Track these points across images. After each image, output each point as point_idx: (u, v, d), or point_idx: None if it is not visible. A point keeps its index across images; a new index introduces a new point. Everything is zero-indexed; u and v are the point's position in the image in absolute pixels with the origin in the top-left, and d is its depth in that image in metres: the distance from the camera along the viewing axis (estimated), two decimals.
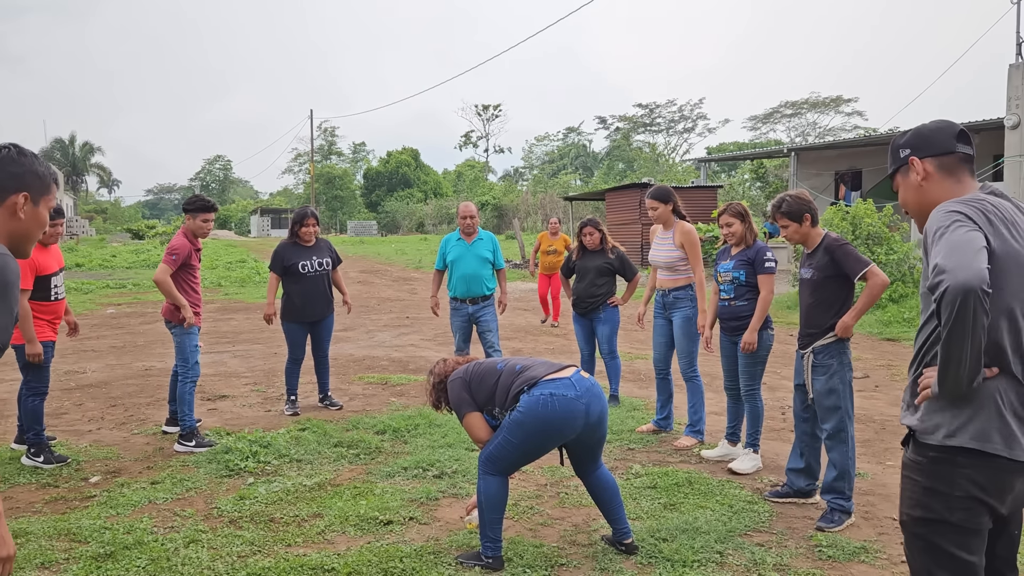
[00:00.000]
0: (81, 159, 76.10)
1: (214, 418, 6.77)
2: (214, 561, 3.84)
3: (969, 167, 2.34)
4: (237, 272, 23.24)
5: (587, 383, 3.76)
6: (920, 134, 2.39)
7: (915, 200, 2.41)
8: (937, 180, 2.34)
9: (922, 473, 2.22)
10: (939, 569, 2.22)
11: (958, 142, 2.34)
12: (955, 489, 2.16)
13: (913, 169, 2.37)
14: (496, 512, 3.79)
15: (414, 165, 75.95)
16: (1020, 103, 12.31)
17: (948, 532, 2.19)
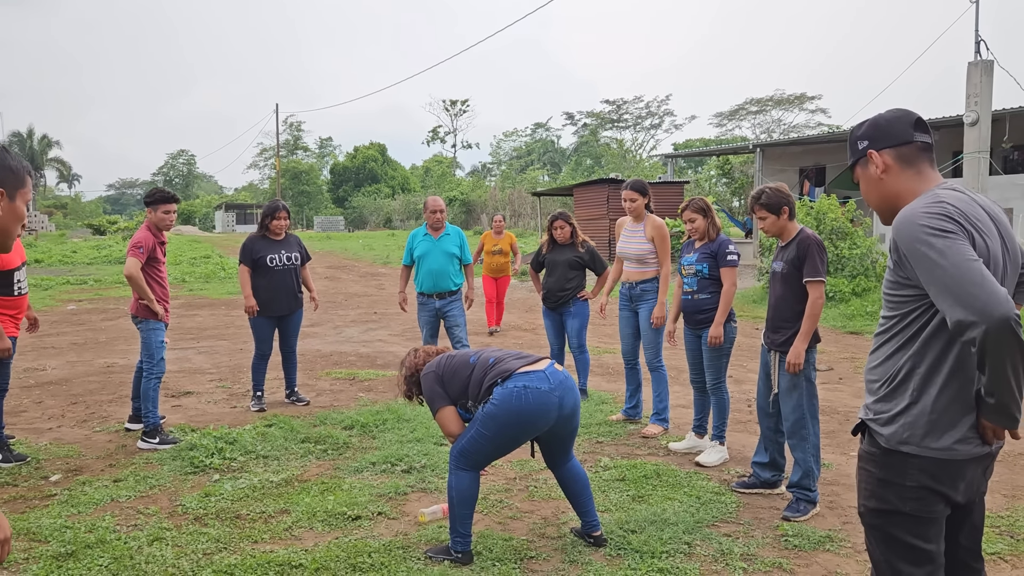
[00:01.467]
0: (39, 153, 74.55)
1: (178, 415, 6.67)
2: (179, 559, 3.79)
3: (929, 156, 2.29)
4: (202, 268, 22.92)
5: (560, 376, 3.76)
6: (877, 124, 2.32)
7: (876, 193, 2.35)
8: (897, 172, 2.28)
9: (876, 464, 2.24)
10: (898, 559, 2.24)
11: (916, 131, 2.28)
12: (907, 480, 2.17)
13: (872, 162, 2.31)
14: (466, 507, 3.77)
15: (381, 160, 75.47)
16: (979, 100, 12.55)
17: (903, 522, 2.21)
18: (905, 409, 2.17)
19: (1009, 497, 4.71)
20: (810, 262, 4.41)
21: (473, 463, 3.77)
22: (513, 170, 77.14)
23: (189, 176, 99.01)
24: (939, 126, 18.46)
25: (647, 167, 55.83)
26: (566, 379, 3.78)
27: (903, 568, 2.23)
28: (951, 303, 1.98)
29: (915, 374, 2.16)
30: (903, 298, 2.17)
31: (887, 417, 2.20)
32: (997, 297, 1.92)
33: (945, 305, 2.00)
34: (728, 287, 5.22)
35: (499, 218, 12.33)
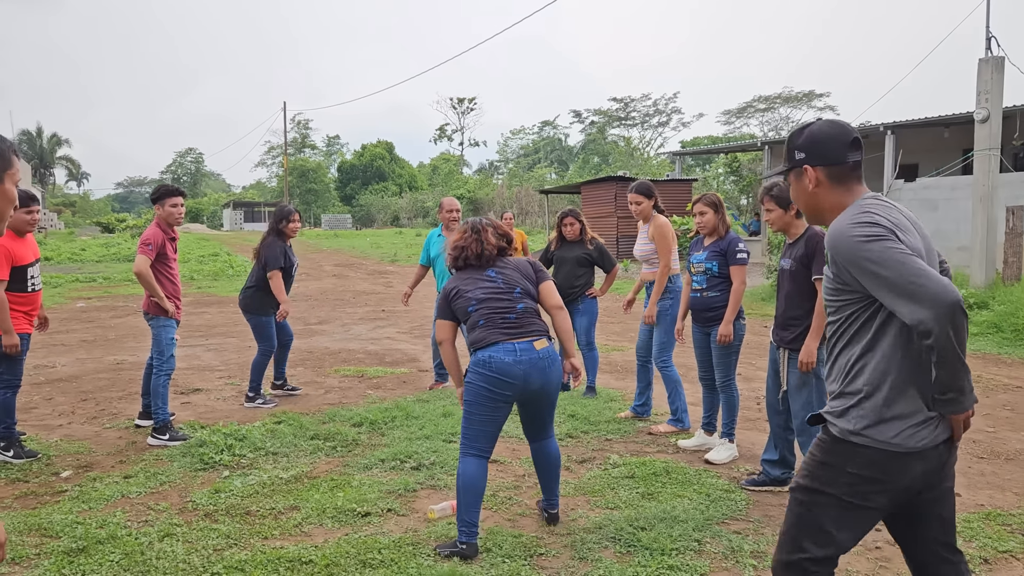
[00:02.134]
0: (49, 151, 74.93)
1: (188, 412, 6.69)
2: (189, 555, 3.80)
3: (858, 174, 2.42)
4: (210, 266, 23.01)
5: (534, 353, 3.83)
6: (815, 140, 2.42)
7: (805, 203, 2.50)
8: (828, 188, 2.41)
9: (822, 450, 2.36)
10: (804, 538, 2.36)
11: (850, 151, 2.40)
12: (848, 466, 2.28)
13: (806, 176, 2.43)
14: (470, 495, 3.81)
15: (389, 158, 75.62)
16: (990, 97, 12.47)
17: (828, 505, 2.32)
18: (857, 403, 2.29)
19: (1021, 495, 4.68)
20: (819, 259, 4.38)
21: (473, 444, 3.89)
22: (520, 168, 77.14)
23: (197, 174, 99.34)
24: (949, 123, 18.38)
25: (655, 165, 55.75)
26: (541, 358, 3.84)
27: (806, 546, 2.35)
28: (904, 303, 2.11)
29: (866, 370, 2.29)
30: (843, 301, 2.32)
31: (840, 410, 2.33)
32: (942, 284, 2.07)
33: (900, 308, 2.13)
34: (738, 285, 5.21)
35: (509, 216, 12.32)
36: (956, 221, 16.60)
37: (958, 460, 5.30)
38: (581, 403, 6.74)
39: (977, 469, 5.14)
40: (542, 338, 3.91)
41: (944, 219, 17.39)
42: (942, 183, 18.06)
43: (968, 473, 5.06)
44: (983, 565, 3.74)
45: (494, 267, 4.06)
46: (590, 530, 4.10)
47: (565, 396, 7.01)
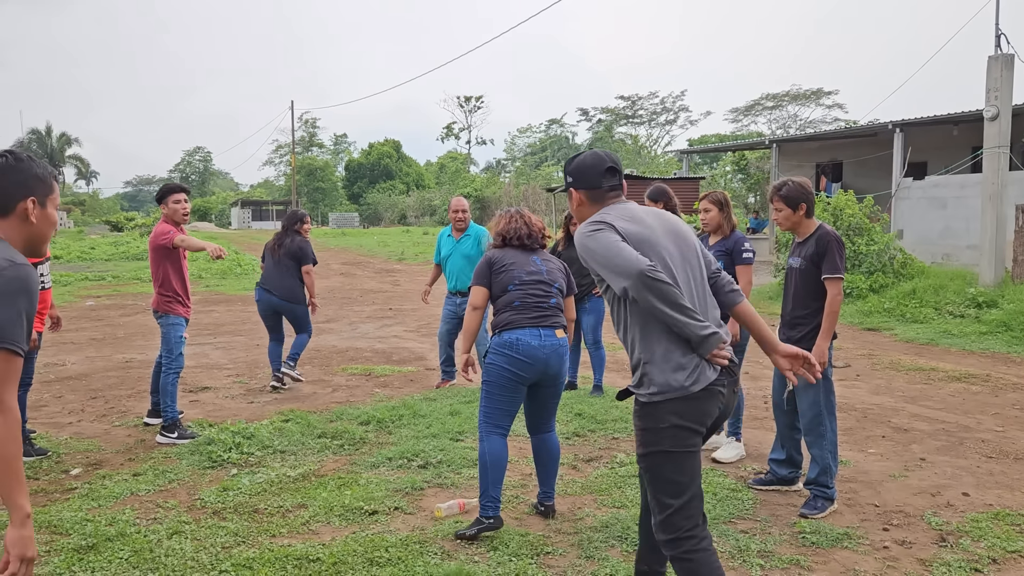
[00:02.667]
0: (58, 150, 75.25)
1: (196, 410, 6.72)
2: (198, 552, 3.82)
3: (615, 194, 2.97)
4: (218, 264, 23.05)
5: (555, 340, 4.09)
6: (580, 168, 2.98)
7: (576, 213, 3.05)
8: (588, 205, 2.96)
9: (639, 417, 2.77)
10: (663, 493, 2.72)
11: (604, 177, 2.94)
12: (660, 423, 2.69)
13: (572, 195, 3.01)
14: (497, 471, 4.01)
15: (396, 157, 75.67)
16: (999, 95, 12.40)
17: (664, 461, 2.71)
18: (646, 369, 2.72)
19: None
20: (829, 258, 4.37)
21: (495, 423, 4.08)
22: (527, 166, 77.10)
23: (205, 173, 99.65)
24: (958, 120, 18.30)
25: (662, 163, 55.64)
26: (561, 346, 4.11)
27: (667, 500, 2.71)
28: (610, 275, 2.67)
29: (638, 339, 2.74)
30: (605, 289, 2.81)
31: (637, 379, 2.78)
32: (632, 258, 2.61)
33: (611, 280, 2.68)
34: (743, 285, 5.17)
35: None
36: (965, 219, 16.52)
37: (967, 460, 5.29)
38: (588, 402, 6.74)
39: (986, 468, 5.12)
40: (562, 328, 4.17)
41: (953, 217, 17.31)
42: (951, 181, 17.97)
43: (977, 472, 5.04)
44: (992, 565, 3.73)
45: (539, 255, 4.34)
46: (597, 529, 4.10)
47: (572, 395, 7.01)
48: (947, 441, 5.70)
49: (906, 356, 9.11)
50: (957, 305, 11.55)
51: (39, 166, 2.27)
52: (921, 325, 11.07)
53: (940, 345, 9.89)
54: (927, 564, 3.74)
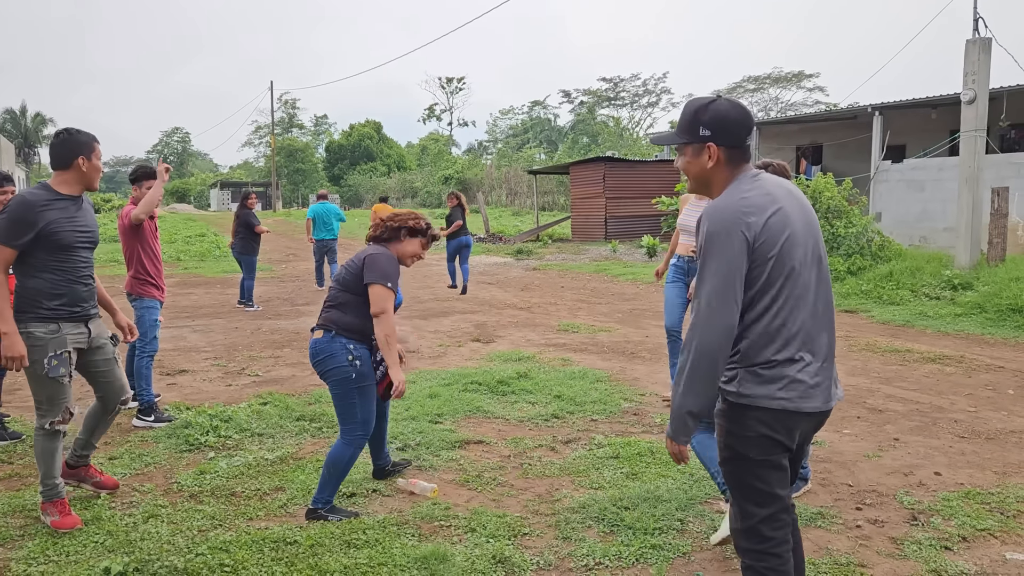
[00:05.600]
0: (33, 130, 74.09)
1: (173, 393, 6.67)
2: (174, 536, 3.80)
3: (748, 156, 2.55)
4: (196, 246, 22.88)
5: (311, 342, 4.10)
6: (724, 121, 2.47)
7: (698, 175, 2.55)
8: (724, 168, 2.50)
9: (724, 418, 2.51)
10: (745, 501, 2.53)
11: (747, 137, 2.53)
12: (747, 430, 2.44)
13: (707, 152, 2.49)
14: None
15: (377, 138, 75.18)
16: (977, 78, 12.48)
17: (749, 466, 2.48)
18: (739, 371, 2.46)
19: (1000, 474, 4.74)
20: None
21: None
22: (510, 148, 76.86)
23: (184, 154, 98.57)
24: (936, 104, 18.41)
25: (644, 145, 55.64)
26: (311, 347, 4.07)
27: (751, 509, 2.51)
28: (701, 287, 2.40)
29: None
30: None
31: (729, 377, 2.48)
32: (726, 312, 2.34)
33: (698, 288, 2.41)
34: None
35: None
36: (942, 202, 16.66)
37: (939, 440, 5.36)
38: (567, 384, 6.76)
39: (958, 448, 5.19)
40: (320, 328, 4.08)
41: (931, 200, 17.46)
42: (929, 164, 18.11)
43: (949, 452, 5.11)
44: (962, 543, 3.78)
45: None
46: (574, 510, 4.12)
47: (552, 376, 7.02)
48: (920, 421, 5.77)
49: (882, 338, 9.20)
50: (933, 287, 11.67)
51: (84, 135, 3.91)
52: (897, 307, 11.18)
53: (916, 327, 9.99)
54: (898, 542, 3.79)
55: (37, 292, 3.80)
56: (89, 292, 4.00)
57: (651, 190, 22.54)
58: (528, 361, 7.79)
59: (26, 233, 3.69)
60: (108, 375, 4.14)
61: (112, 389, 4.19)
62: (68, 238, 3.81)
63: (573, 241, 24.75)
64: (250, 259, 12.16)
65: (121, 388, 4.21)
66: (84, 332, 3.98)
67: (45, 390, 3.89)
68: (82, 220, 3.91)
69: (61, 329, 3.86)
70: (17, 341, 3.70)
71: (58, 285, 3.84)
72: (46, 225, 3.72)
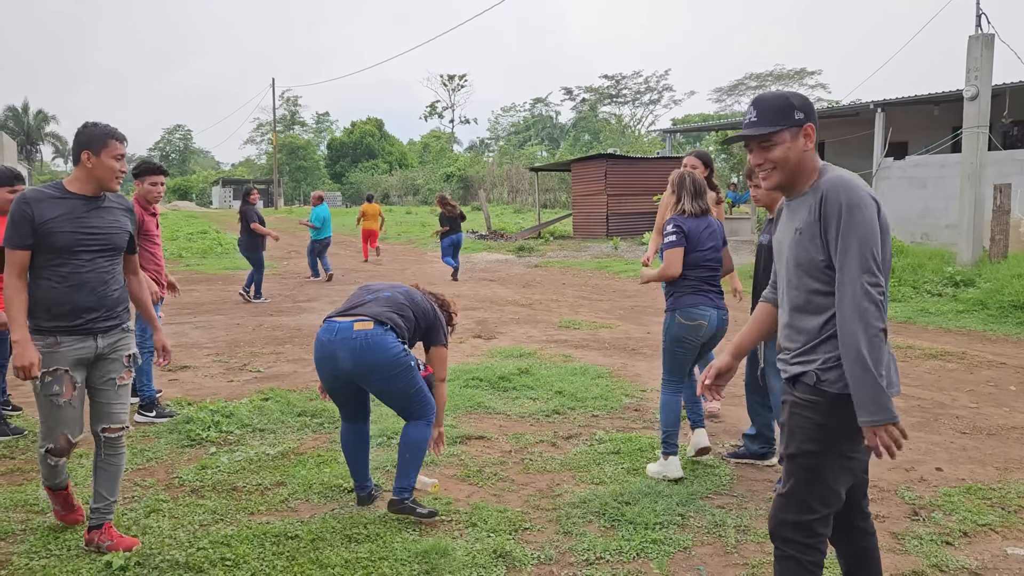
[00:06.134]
0: (35, 128, 74.13)
1: (175, 388, 6.68)
2: (175, 530, 3.81)
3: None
4: (198, 243, 22.88)
5: (345, 333, 3.82)
6: (807, 104, 2.50)
7: (797, 161, 2.48)
8: (814, 150, 2.51)
9: (819, 412, 2.43)
10: (812, 498, 2.48)
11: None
12: (847, 424, 2.37)
13: (805, 133, 2.46)
14: (344, 453, 4.18)
15: (379, 135, 75.13)
16: (979, 74, 12.46)
17: (835, 462, 2.45)
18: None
19: (1001, 470, 4.73)
20: None
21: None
22: (511, 146, 76.82)
23: (186, 151, 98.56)
24: (939, 100, 18.37)
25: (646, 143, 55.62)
26: (352, 339, 3.79)
27: (815, 505, 2.48)
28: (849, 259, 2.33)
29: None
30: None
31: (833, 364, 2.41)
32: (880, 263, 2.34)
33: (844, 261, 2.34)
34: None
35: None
36: (944, 199, 16.63)
37: (941, 436, 5.36)
38: (568, 380, 6.77)
39: (959, 444, 5.19)
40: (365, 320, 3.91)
41: (933, 197, 17.43)
42: (931, 161, 18.08)
43: (950, 448, 5.11)
44: (963, 538, 3.79)
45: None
46: (575, 505, 4.13)
47: (553, 372, 7.03)
48: (922, 417, 5.78)
49: None
50: (935, 284, 11.66)
51: (99, 129, 3.52)
52: (899, 303, 11.17)
53: (918, 323, 9.99)
54: (899, 537, 3.79)
55: (36, 301, 3.44)
56: (99, 302, 3.52)
57: (653, 187, 22.51)
58: (529, 357, 7.79)
59: (28, 230, 3.40)
60: (101, 396, 3.60)
61: (98, 412, 3.62)
62: (66, 239, 3.41)
63: (575, 238, 24.73)
64: (254, 255, 12.36)
65: (107, 415, 3.61)
66: (89, 347, 3.51)
67: (41, 409, 3.53)
68: (92, 221, 3.49)
69: (59, 344, 3.45)
70: (28, 349, 3.35)
71: (57, 293, 3.44)
72: (43, 223, 3.39)
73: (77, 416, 3.53)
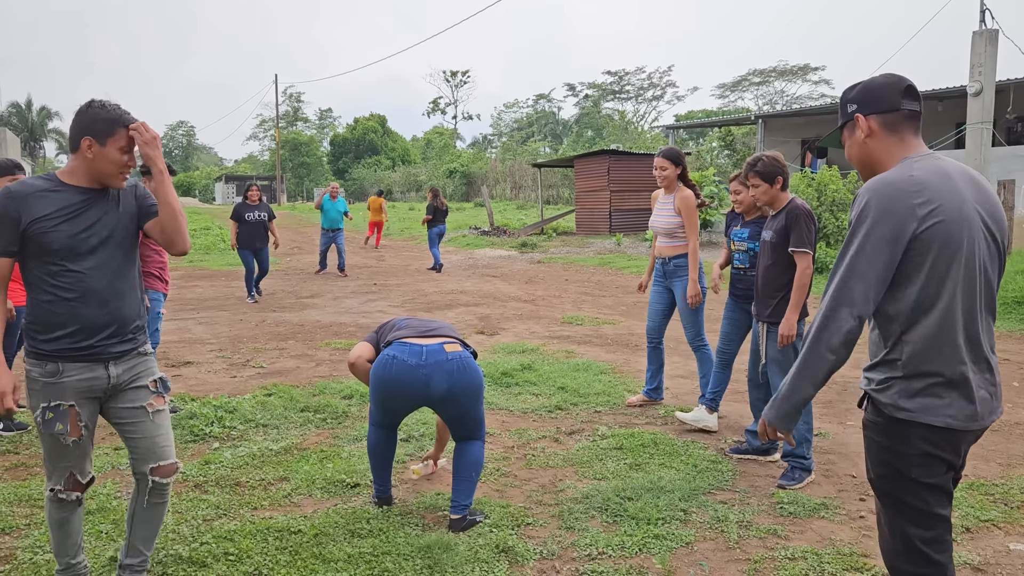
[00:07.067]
0: (39, 124, 74.20)
1: (179, 384, 6.70)
2: (179, 525, 3.82)
3: (915, 124, 2.30)
4: (202, 239, 22.89)
5: (439, 356, 3.71)
6: (868, 89, 2.33)
7: (858, 156, 2.38)
8: (881, 138, 2.30)
9: (880, 433, 2.27)
10: (907, 523, 2.26)
11: (904, 98, 2.28)
12: (910, 448, 2.20)
13: (858, 126, 2.33)
14: (372, 458, 4.04)
15: (381, 132, 75.10)
16: (983, 70, 12.43)
17: (910, 486, 2.23)
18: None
19: (1004, 466, 4.73)
20: (796, 232, 4.38)
21: (373, 419, 4.02)
22: (514, 142, 76.76)
23: (188, 147, 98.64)
24: (943, 96, 18.34)
25: (649, 139, 55.54)
26: (448, 361, 3.72)
27: (911, 531, 2.25)
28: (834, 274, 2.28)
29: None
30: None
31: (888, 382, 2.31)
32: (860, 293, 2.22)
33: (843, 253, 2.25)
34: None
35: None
36: None
37: None
38: (570, 375, 6.77)
39: None
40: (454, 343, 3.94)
41: None
42: None
43: None
44: (965, 534, 3.79)
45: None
46: (578, 500, 4.13)
47: (555, 368, 7.03)
48: None
49: None
50: None
51: (109, 111, 2.85)
52: None
53: None
54: None
55: (34, 318, 2.83)
56: (111, 317, 2.87)
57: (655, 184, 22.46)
58: (532, 353, 7.80)
59: (10, 233, 2.76)
60: (135, 430, 2.99)
61: (139, 450, 3.00)
62: (59, 240, 2.75)
63: (577, 234, 24.71)
64: (241, 252, 12.04)
65: (152, 451, 3.01)
66: (100, 377, 2.88)
67: (44, 445, 2.94)
68: (91, 218, 2.82)
69: (62, 372, 2.81)
70: (1, 375, 2.79)
71: (58, 307, 2.80)
72: (31, 222, 2.74)
73: (87, 452, 3.01)
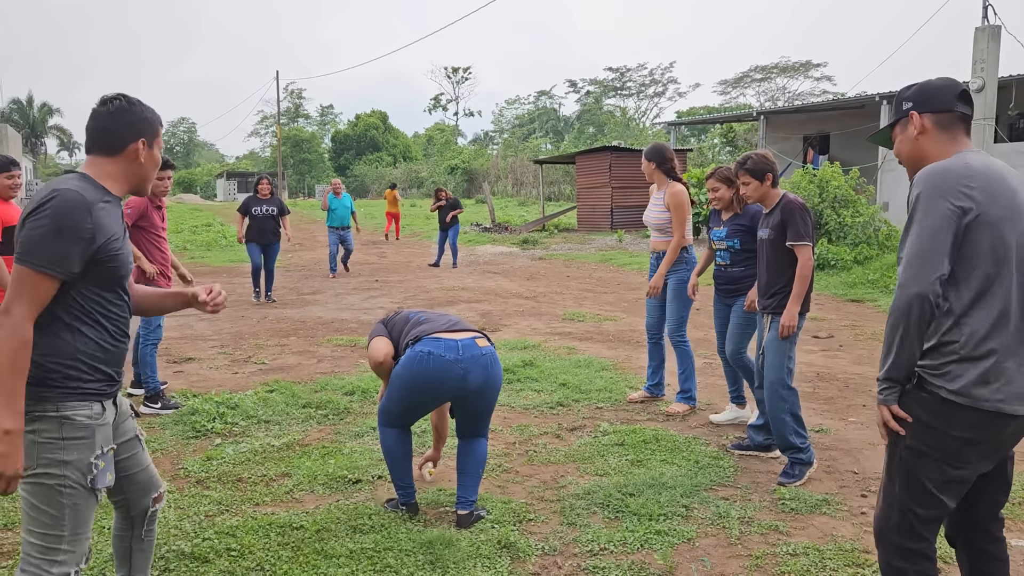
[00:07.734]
0: (40, 121, 74.25)
1: (180, 380, 6.70)
2: (181, 521, 3.83)
3: (965, 126, 2.44)
4: (203, 236, 22.91)
5: (474, 350, 3.70)
6: (924, 90, 2.47)
7: (908, 152, 2.50)
8: (932, 136, 2.43)
9: (927, 410, 2.32)
10: (913, 502, 2.37)
11: (958, 101, 2.42)
12: (952, 429, 2.28)
13: (912, 123, 2.46)
14: (392, 461, 3.91)
15: (383, 128, 75.15)
16: (985, 66, 12.41)
17: (934, 468, 2.32)
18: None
19: None
20: (792, 226, 4.38)
21: (390, 420, 3.89)
22: (516, 138, 76.76)
23: (190, 144, 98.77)
24: None
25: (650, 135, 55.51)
26: (481, 356, 3.72)
27: (914, 508, 2.37)
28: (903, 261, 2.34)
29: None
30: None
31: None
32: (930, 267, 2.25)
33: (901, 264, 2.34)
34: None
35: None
36: None
37: None
38: (572, 372, 6.77)
39: None
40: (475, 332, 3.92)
41: None
42: None
43: None
44: None
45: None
46: (579, 496, 4.14)
47: (558, 364, 7.04)
48: None
49: None
50: None
51: (148, 109, 2.44)
52: None
53: None
54: None
55: (79, 354, 2.29)
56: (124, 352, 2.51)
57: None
58: (533, 350, 7.80)
59: (81, 252, 2.21)
60: (134, 463, 2.64)
61: (139, 483, 2.67)
62: (125, 266, 2.39)
63: (579, 231, 24.71)
64: (249, 247, 11.55)
65: (151, 481, 2.72)
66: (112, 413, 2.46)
67: (72, 517, 2.29)
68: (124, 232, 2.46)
69: (105, 413, 2.38)
70: (17, 451, 2.14)
71: (105, 341, 2.36)
72: (105, 242, 2.26)
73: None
